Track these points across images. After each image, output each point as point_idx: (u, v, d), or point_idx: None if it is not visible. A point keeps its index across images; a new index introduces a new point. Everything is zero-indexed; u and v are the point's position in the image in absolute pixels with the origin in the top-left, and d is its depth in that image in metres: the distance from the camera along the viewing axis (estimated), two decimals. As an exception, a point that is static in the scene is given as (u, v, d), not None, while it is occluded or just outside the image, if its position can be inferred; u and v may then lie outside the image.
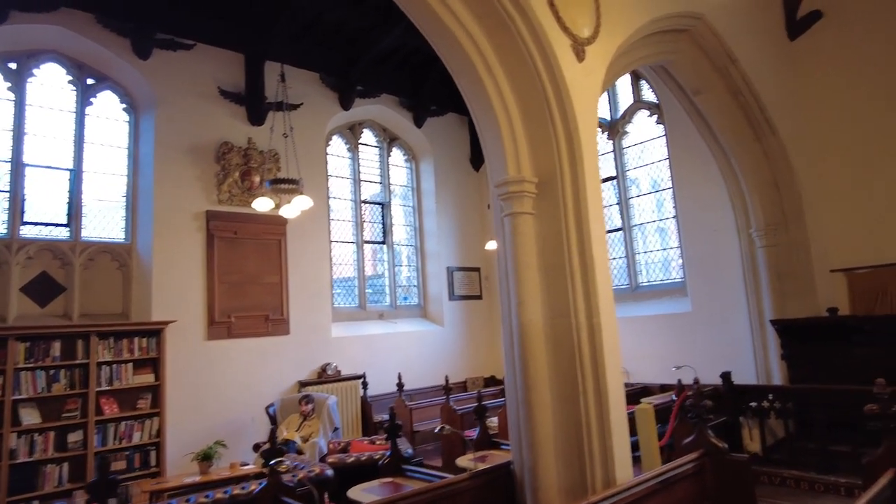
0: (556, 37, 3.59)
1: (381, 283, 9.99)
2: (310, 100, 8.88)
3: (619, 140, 9.16)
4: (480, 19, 3.48)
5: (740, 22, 5.98)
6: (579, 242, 3.50)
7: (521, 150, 3.59)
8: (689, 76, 5.78)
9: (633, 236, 8.98)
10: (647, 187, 8.83)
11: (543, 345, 3.50)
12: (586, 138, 3.64)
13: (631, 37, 4.33)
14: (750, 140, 6.26)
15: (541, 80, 3.53)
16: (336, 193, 9.59)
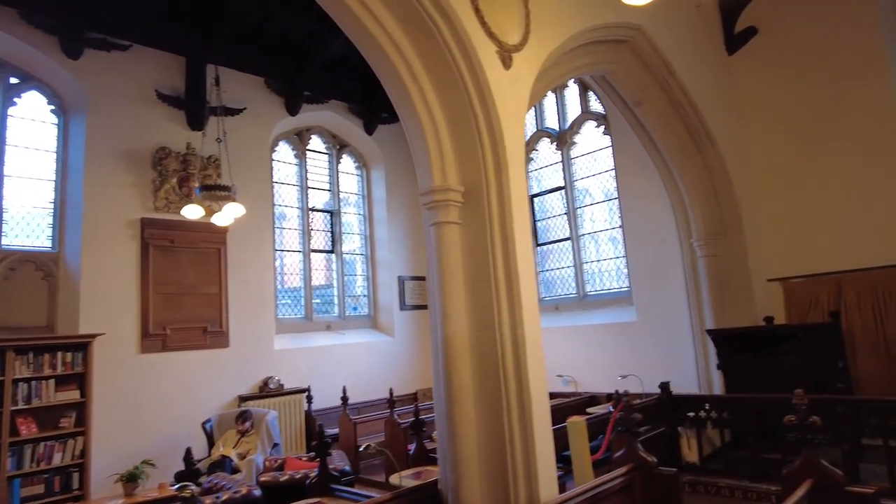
0: (482, 42, 3.52)
1: (329, 293, 9.75)
2: (254, 104, 8.63)
3: (568, 150, 9.21)
4: (403, 24, 3.38)
5: (679, 35, 6.08)
6: (504, 253, 3.41)
7: (446, 158, 3.49)
8: (629, 87, 5.83)
9: (582, 245, 9.02)
10: (601, 197, 8.91)
11: (468, 358, 3.40)
12: (512, 147, 3.57)
13: (563, 45, 4.31)
14: (691, 152, 6.35)
15: (466, 87, 3.45)
16: (283, 201, 9.34)
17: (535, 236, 9.69)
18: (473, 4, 3.47)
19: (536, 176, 9.77)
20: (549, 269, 9.52)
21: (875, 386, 5.90)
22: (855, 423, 4.48)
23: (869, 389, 5.92)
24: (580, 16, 4.48)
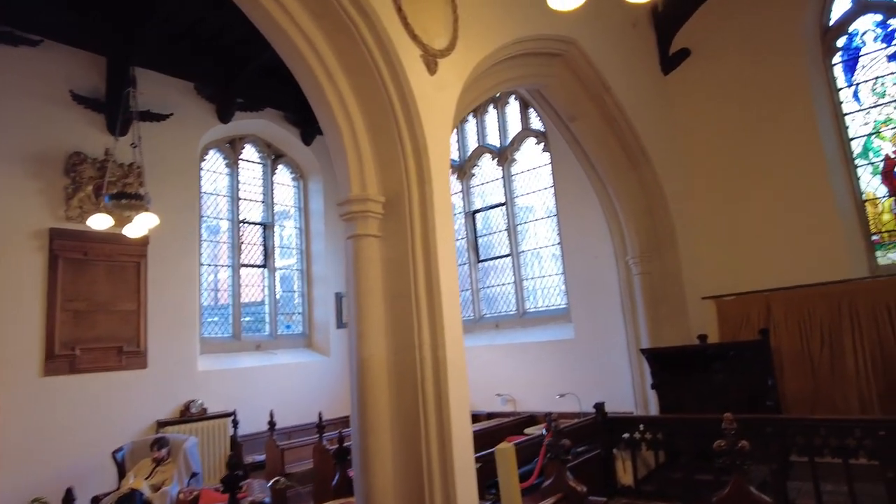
0: (404, 45, 3.32)
1: (261, 310, 9.26)
2: (182, 110, 8.15)
3: (508, 167, 9.16)
4: (319, 19, 3.14)
5: (615, 52, 6.10)
6: (426, 268, 3.19)
7: (366, 166, 3.25)
8: (563, 102, 5.78)
9: (523, 262, 8.93)
10: (542, 213, 8.86)
11: (386, 383, 3.13)
12: (437, 156, 3.37)
13: (494, 55, 4.17)
14: (625, 168, 6.36)
15: (387, 91, 3.23)
16: (211, 212, 8.84)
17: (476, 252, 9.55)
18: (396, 4, 3.28)
19: (480, 192, 9.67)
20: (490, 286, 9.38)
21: (802, 402, 5.99)
22: (783, 442, 4.46)
23: (796, 405, 6.01)
24: (512, 25, 4.37)
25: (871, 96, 6.29)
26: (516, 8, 4.41)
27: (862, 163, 6.29)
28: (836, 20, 6.52)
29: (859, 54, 6.41)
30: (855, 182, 6.29)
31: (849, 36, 6.47)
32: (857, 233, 6.22)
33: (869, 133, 6.28)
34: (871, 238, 6.19)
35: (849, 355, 5.77)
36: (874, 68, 6.31)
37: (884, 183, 6.17)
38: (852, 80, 6.44)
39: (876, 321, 5.70)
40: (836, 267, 6.07)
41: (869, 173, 6.26)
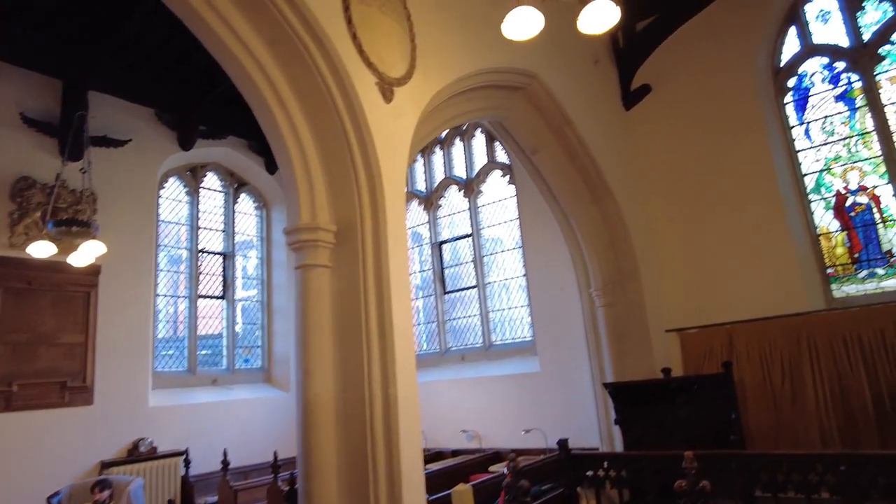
0: (359, 72, 3.27)
1: (219, 343, 8.93)
2: (141, 136, 7.95)
3: (475, 198, 9.16)
4: (272, 45, 3.07)
5: (577, 87, 6.19)
6: (378, 300, 3.06)
7: (317, 193, 3.14)
8: (525, 134, 5.80)
9: (489, 294, 8.85)
10: (508, 245, 8.83)
11: (333, 422, 2.96)
12: (392, 185, 3.29)
13: (453, 86, 4.16)
14: (587, 201, 6.39)
15: (340, 118, 3.15)
16: (169, 241, 8.57)
17: (443, 284, 9.44)
18: (350, 31, 3.23)
19: (447, 222, 9.63)
20: (457, 318, 9.25)
21: (765, 435, 5.97)
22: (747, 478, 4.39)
23: (760, 438, 5.98)
24: (471, 57, 4.38)
25: (821, 134, 6.51)
26: (476, 40, 4.43)
27: (815, 198, 6.46)
28: (787, 62, 6.78)
29: (809, 94, 6.65)
30: (809, 217, 6.45)
31: (798, 77, 6.72)
32: (813, 266, 6.34)
33: (820, 169, 6.47)
34: (826, 271, 6.31)
35: (809, 388, 5.80)
36: (823, 108, 6.54)
37: (836, 218, 6.33)
38: (803, 118, 6.66)
39: (833, 354, 5.76)
40: (794, 300, 6.15)
41: (822, 208, 6.42)
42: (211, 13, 2.83)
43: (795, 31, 6.77)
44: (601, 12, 2.89)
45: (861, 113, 6.31)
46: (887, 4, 6.27)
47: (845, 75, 6.44)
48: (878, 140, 6.14)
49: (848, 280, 6.21)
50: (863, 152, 6.26)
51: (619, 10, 2.86)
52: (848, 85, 6.42)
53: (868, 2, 6.38)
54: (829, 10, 6.60)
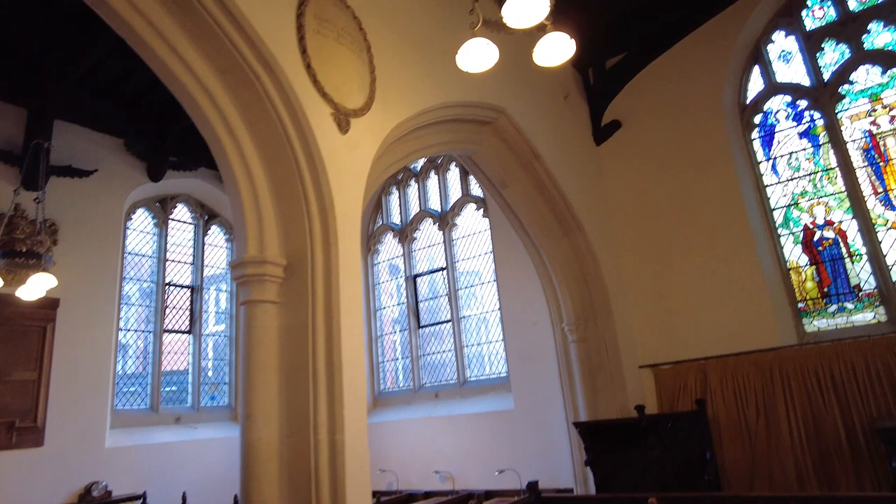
0: (313, 102, 3.20)
1: (184, 379, 8.61)
2: (108, 167, 7.80)
3: (449, 231, 9.10)
4: (223, 74, 2.99)
5: (546, 123, 6.21)
6: (327, 338, 2.92)
7: (266, 225, 3.02)
8: (494, 169, 5.78)
9: (464, 329, 8.71)
10: (483, 278, 8.73)
11: (276, 470, 2.76)
12: (346, 217, 3.19)
13: (416, 118, 4.12)
14: (558, 235, 6.34)
15: (292, 148, 3.07)
16: (134, 274, 8.33)
17: (417, 318, 9.28)
18: (305, 60, 3.18)
19: (422, 256, 9.53)
20: (431, 354, 9.07)
21: (740, 473, 5.83)
22: (719, 521, 4.25)
23: (735, 477, 5.83)
24: (435, 91, 4.35)
25: (788, 170, 6.59)
26: (440, 74, 4.42)
27: (784, 232, 6.49)
28: (752, 99, 6.91)
29: (774, 131, 6.76)
30: (779, 251, 6.47)
31: (764, 113, 6.84)
32: (784, 301, 6.32)
33: (788, 204, 6.52)
34: (797, 306, 6.30)
35: (783, 424, 5.70)
36: (788, 144, 6.65)
37: (804, 252, 6.35)
38: (770, 154, 6.75)
39: (807, 389, 5.69)
40: (767, 334, 6.11)
41: (791, 243, 6.45)
42: (157, 39, 2.75)
43: (759, 70, 6.92)
44: (556, 45, 2.87)
45: (825, 149, 6.42)
46: (844, 46, 6.45)
47: (808, 113, 6.57)
48: (841, 176, 6.23)
49: (818, 314, 6.20)
50: (828, 188, 6.34)
51: (574, 44, 2.84)
52: (811, 122, 6.54)
53: (826, 43, 6.56)
54: (790, 51, 6.77)
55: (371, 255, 10.03)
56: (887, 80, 6.21)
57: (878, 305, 5.85)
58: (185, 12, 2.80)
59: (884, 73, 6.23)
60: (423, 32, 4.27)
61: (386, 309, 9.91)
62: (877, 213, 5.99)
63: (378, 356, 9.58)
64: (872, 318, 5.86)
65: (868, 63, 6.32)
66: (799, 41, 6.70)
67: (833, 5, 6.60)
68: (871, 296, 5.92)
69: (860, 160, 6.19)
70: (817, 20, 6.66)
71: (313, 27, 3.26)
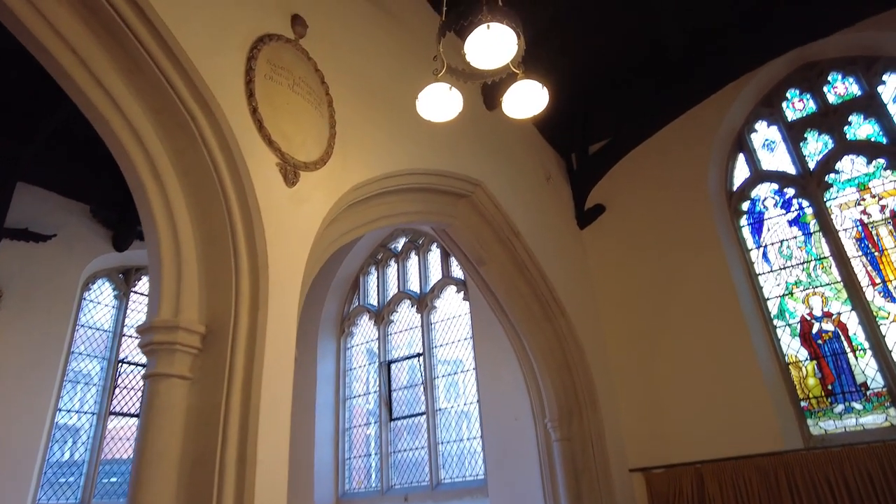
0: (256, 149, 2.87)
1: (129, 469, 7.70)
2: (70, 232, 7.41)
3: (428, 314, 8.61)
4: (157, 114, 2.68)
5: (528, 201, 5.96)
6: (241, 426, 2.37)
7: (187, 284, 2.57)
8: (471, 244, 5.43)
9: (438, 423, 7.97)
10: (462, 367, 8.13)
11: None
12: (280, 277, 2.75)
13: (380, 181, 3.81)
14: (540, 319, 5.89)
15: (225, 196, 2.69)
16: (86, 349, 7.68)
17: (389, 410, 8.54)
18: (251, 104, 2.88)
19: (404, 339, 8.95)
20: (402, 451, 8.24)
21: None
22: None
23: None
24: (405, 155, 4.08)
25: (780, 258, 6.30)
26: (410, 138, 4.18)
27: (780, 324, 6.08)
28: (738, 186, 6.76)
29: (763, 218, 6.55)
30: (776, 344, 6.02)
31: (752, 201, 6.67)
32: (786, 399, 5.79)
33: (782, 294, 6.17)
34: (800, 405, 5.75)
35: (794, 541, 4.98)
36: (778, 232, 6.41)
37: (803, 346, 5.91)
38: (760, 241, 6.49)
39: (818, 498, 5.03)
40: (768, 436, 5.52)
41: (788, 335, 6.02)
42: (80, 69, 2.45)
43: (744, 158, 6.83)
44: (528, 95, 2.60)
45: (816, 238, 6.17)
46: (827, 137, 6.40)
47: (796, 201, 6.40)
48: (835, 265, 5.93)
49: (824, 415, 5.65)
50: (823, 277, 6.02)
51: (547, 93, 2.56)
52: (800, 210, 6.35)
53: (809, 133, 6.52)
54: (773, 140, 6.72)
55: (344, 337, 9.44)
56: (873, 170, 6.09)
57: (888, 406, 5.33)
58: (117, 42, 2.53)
59: (869, 163, 6.13)
60: (393, 93, 4.07)
61: (358, 398, 9.17)
62: (877, 304, 5.63)
63: (345, 452, 8.71)
64: (884, 421, 5.31)
65: (852, 153, 6.24)
66: (781, 131, 6.67)
67: (812, 98, 6.63)
68: (879, 395, 5.41)
69: (854, 250, 5.92)
70: (798, 111, 6.67)
71: (265, 72, 3.01)
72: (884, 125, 6.11)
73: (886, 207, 5.93)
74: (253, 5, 3.16)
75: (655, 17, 6.10)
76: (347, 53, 3.76)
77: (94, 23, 2.47)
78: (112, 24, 2.48)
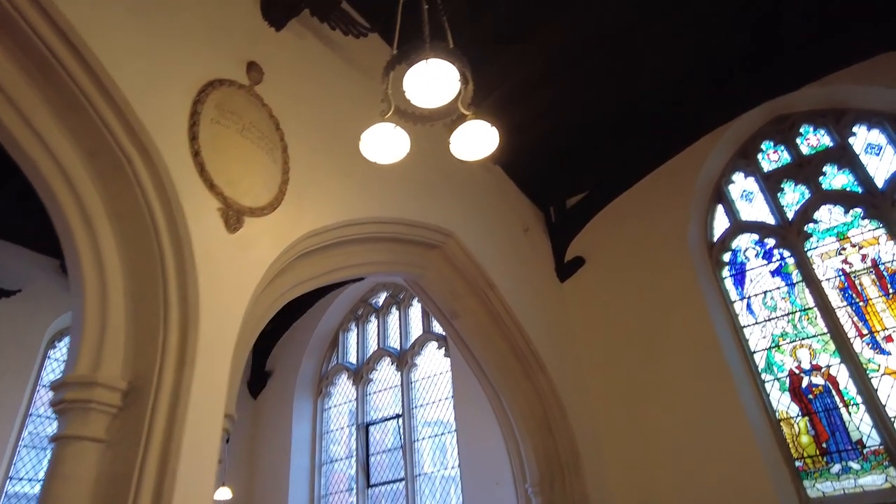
0: (195, 192, 2.73)
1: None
2: (37, 288, 7.20)
3: (408, 372, 8.29)
4: (92, 157, 2.56)
5: (503, 253, 5.83)
6: (155, 496, 2.10)
7: (110, 335, 2.36)
8: (444, 297, 5.24)
9: (418, 489, 7.51)
10: (446, 428, 7.74)
11: None
12: (216, 330, 2.55)
13: (339, 229, 3.66)
14: (518, 375, 5.63)
15: (159, 241, 2.53)
16: (46, 411, 7.28)
17: (367, 475, 8.08)
18: (193, 147, 2.77)
19: (384, 399, 8.58)
20: (379, 522, 7.73)
21: None
22: None
23: None
24: (367, 203, 3.96)
25: (764, 309, 6.13)
26: (374, 185, 4.06)
27: (768, 378, 5.84)
28: (719, 237, 6.67)
29: (745, 269, 6.42)
30: (766, 399, 5.75)
31: (733, 252, 6.56)
32: (779, 458, 5.46)
33: (768, 347, 5.96)
34: (794, 465, 5.43)
35: None
36: (761, 283, 6.27)
37: (794, 401, 5.65)
38: (743, 293, 6.34)
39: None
40: (764, 499, 5.16)
41: (777, 389, 5.77)
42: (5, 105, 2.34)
43: (723, 209, 6.79)
44: (478, 136, 2.50)
45: (799, 288, 6.02)
46: (803, 187, 6.38)
47: (777, 251, 6.29)
48: (821, 316, 5.76)
49: (821, 476, 5.32)
50: (809, 328, 5.83)
51: (497, 133, 2.47)
52: (781, 260, 6.24)
53: (785, 184, 6.50)
54: (751, 191, 6.70)
55: (322, 398, 9.05)
56: (851, 219, 6.03)
57: (887, 466, 5.02)
58: (48, 81, 2.44)
59: (846, 212, 6.07)
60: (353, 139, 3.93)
61: (336, 462, 8.69)
62: (866, 356, 5.42)
63: (319, 522, 8.18)
64: (884, 482, 4.99)
65: (829, 203, 6.20)
66: (759, 182, 6.65)
67: (786, 150, 6.66)
68: (877, 453, 5.11)
69: (839, 300, 5.77)
70: (773, 162, 6.68)
71: (211, 115, 2.92)
72: (858, 175, 6.11)
73: (867, 257, 5.83)
74: (206, 50, 3.11)
75: (631, 77, 6.22)
76: (305, 99, 3.71)
77: (25, 60, 2.38)
78: (45, 63, 2.40)
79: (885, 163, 6.08)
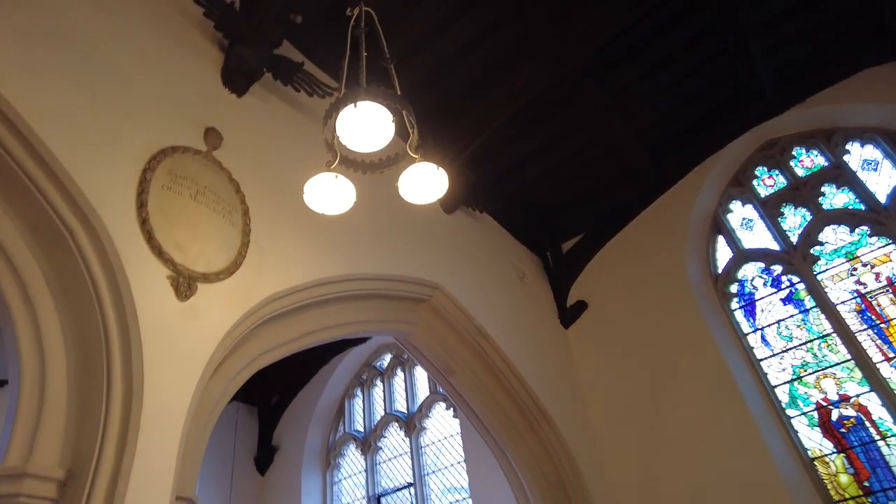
0: (143, 261, 2.63)
1: None
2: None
3: (417, 437, 7.92)
4: (34, 232, 2.49)
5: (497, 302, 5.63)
6: None
7: (48, 419, 2.20)
8: (437, 353, 5.01)
9: (434, 565, 6.99)
10: (464, 494, 7.27)
11: None
12: (157, 406, 2.37)
13: (310, 290, 3.53)
14: (523, 430, 5.29)
15: (102, 315, 2.40)
16: None
17: (381, 552, 7.57)
18: (141, 215, 2.69)
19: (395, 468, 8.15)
20: None
21: None
22: None
23: None
24: (339, 261, 3.83)
25: (780, 340, 5.80)
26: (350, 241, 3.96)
27: (793, 413, 5.43)
28: (723, 269, 6.43)
29: (755, 299, 6.14)
30: (794, 437, 5.33)
31: (739, 282, 6.30)
32: (818, 502, 4.99)
33: (790, 379, 5.59)
34: (836, 510, 4.95)
35: None
36: (773, 312, 5.96)
37: (825, 437, 5.22)
38: (756, 324, 6.02)
39: None
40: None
41: (806, 425, 5.35)
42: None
43: (724, 240, 6.58)
44: (427, 179, 2.39)
45: (814, 314, 5.71)
46: (803, 209, 6.19)
47: (785, 277, 6.02)
48: (841, 342, 5.41)
49: (868, 521, 4.83)
50: (830, 357, 5.47)
51: (445, 175, 2.36)
52: (791, 287, 5.95)
53: (785, 208, 6.31)
54: (750, 218, 6.50)
55: (331, 470, 8.65)
56: (858, 238, 5.78)
57: (938, 503, 4.55)
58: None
59: (852, 231, 5.84)
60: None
61: (350, 540, 8.20)
62: (895, 382, 5.04)
63: None
64: (937, 522, 4.51)
65: (832, 224, 5.98)
66: (757, 208, 6.46)
67: (781, 173, 6.50)
68: (925, 490, 4.65)
69: (858, 323, 5.44)
70: (769, 188, 6.52)
71: (162, 182, 2.87)
72: (858, 192, 5.91)
73: (881, 275, 5.55)
74: (161, 119, 3.10)
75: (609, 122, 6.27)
76: (268, 160, 3.67)
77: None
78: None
79: (884, 178, 5.90)
